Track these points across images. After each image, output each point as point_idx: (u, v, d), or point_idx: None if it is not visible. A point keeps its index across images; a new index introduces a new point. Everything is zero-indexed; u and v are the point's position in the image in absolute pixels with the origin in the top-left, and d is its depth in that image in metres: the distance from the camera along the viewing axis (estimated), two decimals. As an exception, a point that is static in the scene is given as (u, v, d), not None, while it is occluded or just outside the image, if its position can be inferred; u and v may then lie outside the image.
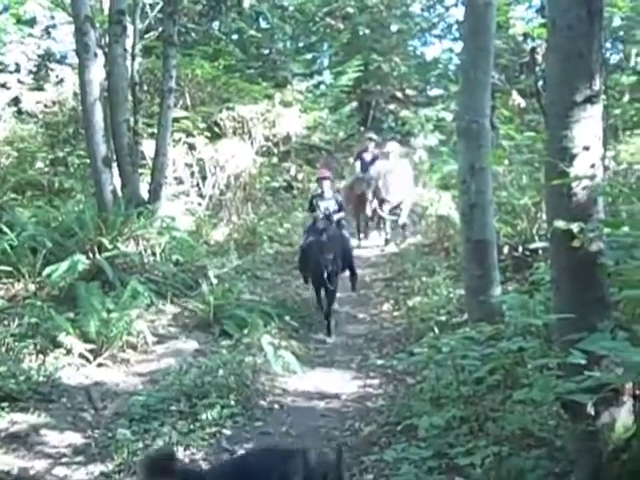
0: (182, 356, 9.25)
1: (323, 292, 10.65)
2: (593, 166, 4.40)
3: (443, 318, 9.44)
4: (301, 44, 23.82)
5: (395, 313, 10.96)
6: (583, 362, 3.87)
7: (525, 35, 16.46)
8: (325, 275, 10.18)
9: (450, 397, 6.25)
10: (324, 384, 8.32)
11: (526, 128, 12.42)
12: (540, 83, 7.40)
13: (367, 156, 15.81)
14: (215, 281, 10.97)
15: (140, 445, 6.65)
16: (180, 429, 7.08)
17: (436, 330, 8.45)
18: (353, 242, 13.14)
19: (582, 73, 4.32)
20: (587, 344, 3.89)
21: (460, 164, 7.64)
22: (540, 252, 10.18)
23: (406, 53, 24.90)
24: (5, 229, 10.72)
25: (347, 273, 11.54)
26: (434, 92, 25.60)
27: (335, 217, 11.00)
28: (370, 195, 15.05)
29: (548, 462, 4.82)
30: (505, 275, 9.42)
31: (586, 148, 4.32)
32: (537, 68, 6.89)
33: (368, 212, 15.42)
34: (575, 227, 4.22)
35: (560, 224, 4.29)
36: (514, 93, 15.08)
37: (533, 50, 6.48)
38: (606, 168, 4.95)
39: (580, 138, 4.32)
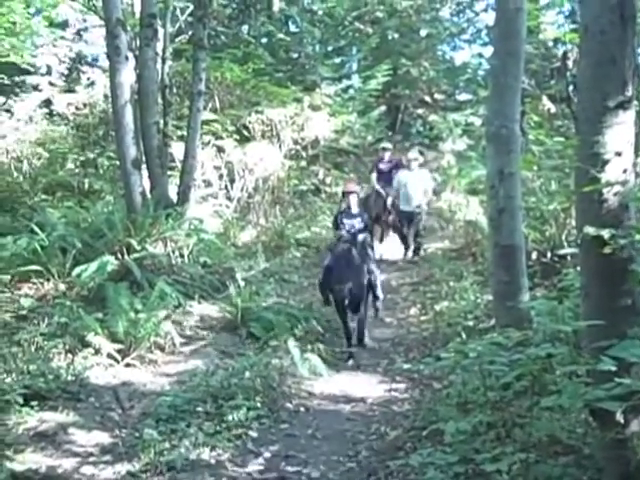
0: (209, 358, 9.29)
1: (349, 318, 9.88)
2: (625, 172, 4.37)
3: (470, 323, 9.41)
4: (330, 48, 23.89)
5: (422, 317, 10.93)
6: (613, 369, 3.84)
7: (555, 40, 16.40)
8: (347, 302, 9.57)
9: (477, 402, 6.22)
10: (350, 388, 8.32)
11: (555, 134, 12.35)
12: (571, 88, 7.36)
13: (384, 166, 15.04)
14: (242, 283, 11.02)
15: (167, 445, 6.69)
16: (206, 430, 7.11)
17: (463, 335, 8.42)
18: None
19: (614, 78, 4.29)
20: (617, 351, 3.87)
21: (489, 169, 7.60)
22: (569, 258, 10.12)
23: (435, 58, 24.84)
24: (36, 229, 10.85)
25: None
26: (463, 97, 25.49)
27: (360, 237, 10.25)
28: (389, 206, 14.54)
29: (576, 470, 4.78)
30: (533, 281, 9.35)
31: (618, 154, 4.29)
32: (568, 73, 6.84)
33: (382, 233, 14.80)
34: (606, 233, 4.19)
35: (590, 230, 4.26)
36: (544, 98, 14.99)
37: (565, 55, 6.44)
38: (638, 174, 4.89)
39: (612, 144, 4.29)
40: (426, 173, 15.11)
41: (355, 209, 10.64)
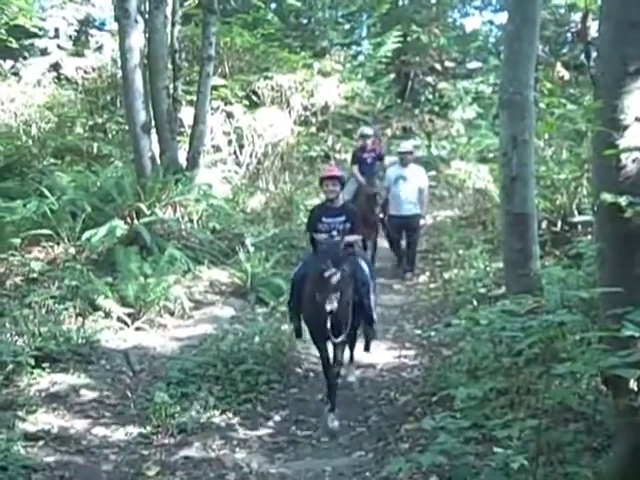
0: (219, 322, 9.33)
1: (330, 349, 6.98)
2: (644, 138, 4.31)
3: (480, 291, 9.40)
4: (340, 14, 23.63)
5: (431, 285, 10.92)
6: (637, 334, 3.83)
7: (570, 6, 16.19)
8: (329, 326, 6.52)
9: (487, 369, 6.23)
10: (360, 353, 8.35)
11: (569, 101, 12.25)
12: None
13: (367, 156, 12.26)
14: (252, 249, 11.02)
15: (177, 408, 6.74)
16: (217, 394, 7.17)
17: (474, 302, 8.42)
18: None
19: (635, 43, 4.22)
20: (633, 318, 3.85)
21: (502, 136, 7.52)
22: (579, 227, 10.11)
23: (446, 24, 24.67)
24: (46, 192, 10.85)
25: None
26: (473, 64, 25.29)
27: (346, 240, 7.12)
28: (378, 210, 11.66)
29: (586, 436, 4.80)
30: (544, 250, 9.32)
31: (638, 119, 4.24)
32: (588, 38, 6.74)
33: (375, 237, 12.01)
34: (623, 200, 4.15)
35: (607, 197, 4.22)
36: (558, 65, 14.82)
37: (585, 18, 6.33)
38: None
39: (632, 109, 4.23)
40: (421, 170, 12.14)
41: (338, 202, 7.57)
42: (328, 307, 6.28)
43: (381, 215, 11.81)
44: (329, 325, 6.50)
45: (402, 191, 11.53)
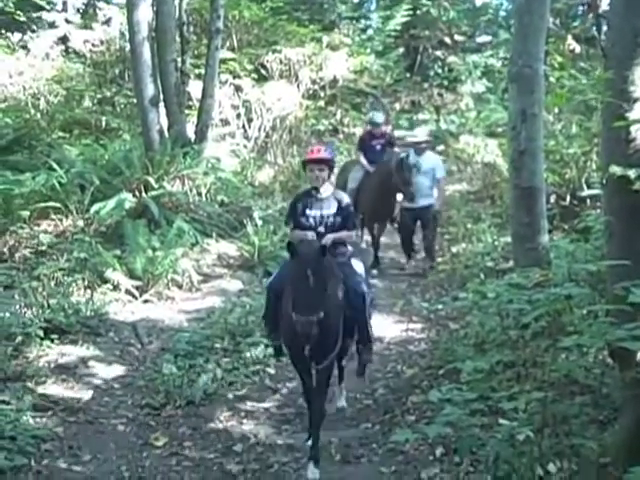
0: (226, 295, 9.36)
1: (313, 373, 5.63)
2: (655, 110, 4.29)
3: (488, 265, 9.40)
4: (349, -14, 23.49)
5: (439, 259, 10.91)
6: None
7: (582, -22, 16.05)
8: (307, 350, 5.34)
9: (494, 342, 6.24)
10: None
11: (579, 74, 12.16)
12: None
13: (375, 143, 11.15)
14: (260, 222, 11.04)
15: (185, 380, 6.78)
16: (224, 366, 7.22)
17: (482, 276, 8.42)
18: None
19: (646, 13, 4.19)
20: (640, 290, 3.85)
21: (511, 110, 7.47)
22: (588, 201, 10.07)
23: (456, -3, 24.44)
24: (54, 166, 10.87)
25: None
26: (482, 38, 25.09)
27: (331, 238, 5.93)
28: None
29: (592, 409, 4.81)
30: (552, 224, 9.29)
31: (648, 92, 4.22)
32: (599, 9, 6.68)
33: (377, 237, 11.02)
34: (632, 173, 4.13)
35: (616, 170, 4.20)
36: (569, 38, 14.69)
37: (596, -12, 6.28)
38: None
39: (642, 81, 4.21)
40: (437, 159, 11.20)
41: (327, 190, 6.17)
42: (306, 330, 5.15)
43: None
44: (307, 352, 5.33)
45: (416, 181, 10.25)
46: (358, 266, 6.16)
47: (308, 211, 6.10)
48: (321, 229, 6.01)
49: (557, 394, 4.83)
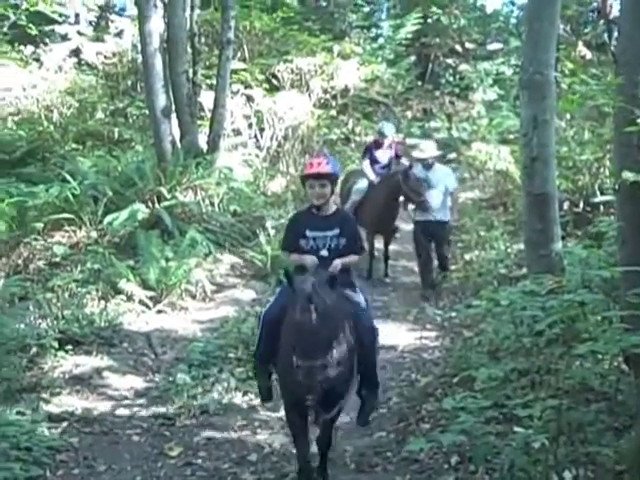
0: (240, 305, 9.37)
1: (309, 429, 5.12)
2: (666, 115, 4.28)
3: (501, 272, 9.38)
4: (359, -4, 23.52)
5: (452, 267, 10.89)
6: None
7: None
8: (310, 400, 4.52)
9: (508, 350, 6.22)
10: (380, 335, 8.35)
11: (591, 82, 12.13)
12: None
13: (382, 155, 10.95)
14: (272, 232, 11.04)
15: (199, 390, 6.81)
16: (238, 375, 7.22)
17: (495, 283, 8.40)
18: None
19: (657, 19, 4.19)
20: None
21: (522, 117, 7.45)
22: (602, 208, 10.03)
23: (466, 5, 24.36)
24: (68, 177, 10.93)
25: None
26: (494, 46, 25.03)
27: (339, 264, 5.22)
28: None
29: (608, 416, 4.78)
30: (566, 231, 9.27)
31: (659, 97, 4.21)
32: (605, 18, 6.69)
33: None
34: (645, 179, 4.14)
35: (629, 175, 4.20)
36: (580, 44, 14.65)
37: (605, -5, 6.29)
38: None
39: (653, 86, 4.21)
40: (448, 171, 10.58)
41: (329, 208, 5.48)
42: (311, 379, 4.39)
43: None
44: (310, 402, 4.52)
45: (427, 196, 9.82)
46: (360, 298, 5.45)
47: (308, 232, 5.34)
48: (324, 252, 5.29)
49: (572, 401, 4.81)
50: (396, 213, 10.60)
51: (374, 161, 10.91)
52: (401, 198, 10.19)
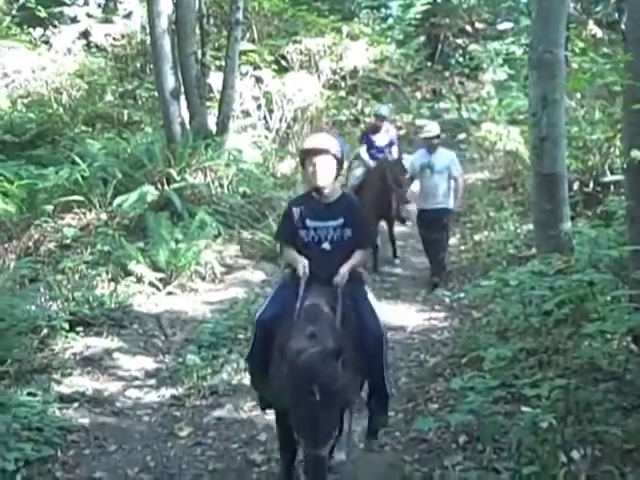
0: (249, 286, 9.39)
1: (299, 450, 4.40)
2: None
3: (510, 252, 9.37)
4: (369, -24, 23.40)
5: (461, 247, 10.90)
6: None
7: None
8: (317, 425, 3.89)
9: (517, 330, 6.23)
10: (390, 316, 8.36)
11: (601, 59, 12.04)
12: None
13: (379, 140, 10.69)
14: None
15: (209, 370, 6.84)
16: (248, 356, 7.22)
17: (504, 263, 8.39)
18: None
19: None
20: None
21: (532, 96, 7.42)
22: (612, 187, 10.00)
23: (476, -15, 24.25)
24: (77, 160, 10.97)
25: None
26: (504, 25, 24.88)
27: (345, 272, 4.61)
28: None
29: (616, 396, 4.79)
30: (575, 211, 9.24)
31: (668, 74, 4.18)
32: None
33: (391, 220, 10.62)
34: (653, 158, 4.12)
35: (638, 154, 4.18)
36: (590, 23, 14.54)
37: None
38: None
39: (662, 64, 4.18)
40: (451, 155, 9.84)
41: (333, 194, 4.77)
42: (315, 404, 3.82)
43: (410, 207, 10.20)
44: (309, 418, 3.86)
45: (430, 182, 9.47)
46: (372, 297, 4.91)
47: (309, 221, 4.67)
48: (326, 246, 4.66)
49: (580, 381, 4.82)
50: (391, 197, 10.23)
51: (371, 146, 10.65)
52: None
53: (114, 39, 17.40)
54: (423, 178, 9.56)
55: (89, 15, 18.50)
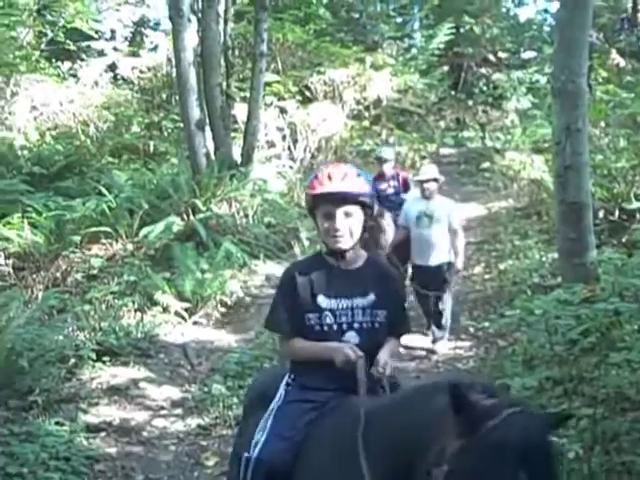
0: (275, 316, 9.39)
1: None
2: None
3: (535, 281, 9.33)
4: (391, 7, 23.59)
5: (486, 276, 10.85)
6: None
7: (624, -7, 15.93)
8: None
9: (543, 359, 6.19)
10: (415, 345, 8.35)
11: (625, 89, 12.06)
12: None
13: (386, 187, 9.46)
14: (307, 243, 11.10)
15: (235, 400, 6.84)
16: (273, 386, 7.23)
17: (529, 292, 8.36)
18: None
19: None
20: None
21: (555, 125, 7.45)
22: (637, 216, 9.96)
23: (499, 14, 24.35)
24: (104, 191, 11.10)
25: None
26: (527, 54, 24.98)
27: (388, 364, 3.10)
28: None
29: (643, 425, 4.76)
30: (600, 239, 9.18)
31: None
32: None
33: None
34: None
35: (661, 183, 4.18)
36: (613, 52, 14.57)
37: (636, 2, 6.26)
38: None
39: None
40: (450, 203, 8.67)
41: (357, 259, 3.36)
42: None
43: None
44: None
45: (428, 233, 8.19)
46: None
47: (323, 299, 3.23)
48: (351, 336, 3.19)
49: (607, 410, 4.79)
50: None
51: (380, 196, 8.30)
52: None
53: (140, 72, 17.69)
54: (419, 228, 8.23)
55: (116, 49, 18.87)
